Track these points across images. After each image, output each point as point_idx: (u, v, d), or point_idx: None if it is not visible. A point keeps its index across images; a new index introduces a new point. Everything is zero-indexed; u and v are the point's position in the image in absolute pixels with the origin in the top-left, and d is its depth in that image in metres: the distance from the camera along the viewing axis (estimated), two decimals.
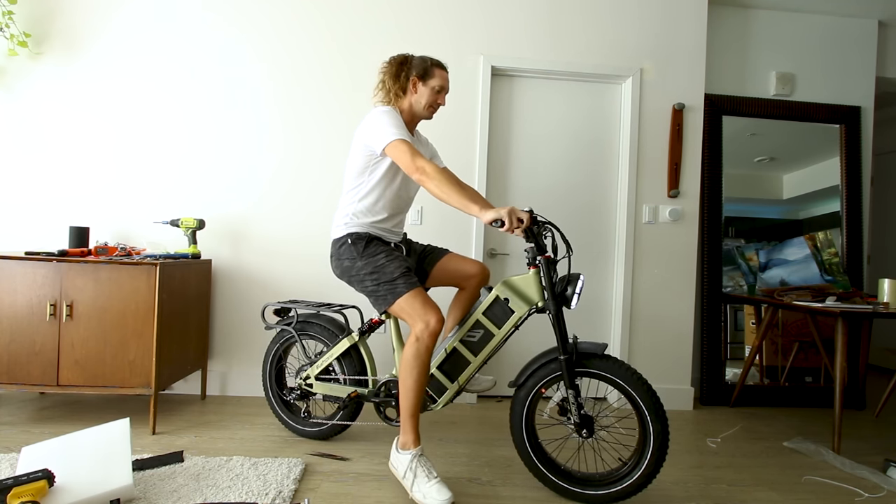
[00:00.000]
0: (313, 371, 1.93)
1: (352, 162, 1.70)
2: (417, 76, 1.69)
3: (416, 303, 1.57)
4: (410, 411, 1.57)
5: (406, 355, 1.57)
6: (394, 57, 1.76)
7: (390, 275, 1.60)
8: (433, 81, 1.70)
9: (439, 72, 1.72)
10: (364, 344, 1.91)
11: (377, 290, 1.62)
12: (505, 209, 1.43)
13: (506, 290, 1.63)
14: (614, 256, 2.69)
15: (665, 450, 1.48)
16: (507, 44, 2.58)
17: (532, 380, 1.60)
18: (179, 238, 2.49)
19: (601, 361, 1.53)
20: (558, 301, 1.55)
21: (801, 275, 2.73)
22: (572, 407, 1.55)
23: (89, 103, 2.47)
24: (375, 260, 1.64)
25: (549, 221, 1.64)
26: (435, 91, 1.71)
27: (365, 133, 1.63)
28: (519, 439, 1.62)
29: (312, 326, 1.97)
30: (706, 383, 2.73)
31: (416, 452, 1.55)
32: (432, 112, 1.75)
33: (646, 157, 2.64)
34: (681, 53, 2.65)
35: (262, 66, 2.52)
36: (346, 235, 1.69)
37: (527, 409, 1.61)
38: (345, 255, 1.68)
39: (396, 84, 1.71)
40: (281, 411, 2.03)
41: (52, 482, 1.32)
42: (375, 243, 1.69)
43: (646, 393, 1.48)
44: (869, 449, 2.16)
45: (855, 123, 2.89)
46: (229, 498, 1.48)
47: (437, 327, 1.55)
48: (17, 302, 1.94)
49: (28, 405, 2.25)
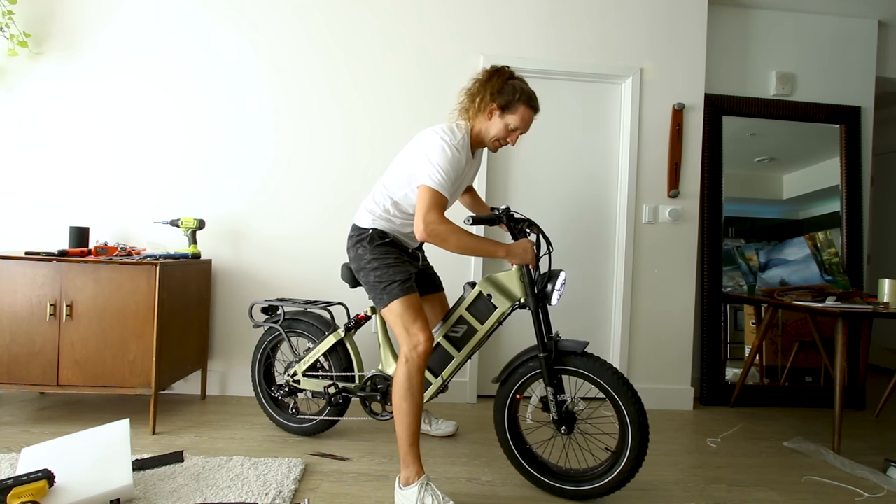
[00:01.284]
0: (300, 368, 1.95)
1: (405, 164, 1.59)
2: (498, 106, 1.52)
3: (408, 315, 1.53)
4: (409, 440, 1.48)
5: (398, 378, 1.51)
6: (487, 70, 1.57)
7: (391, 277, 1.59)
8: (511, 118, 1.53)
9: (524, 110, 1.53)
10: (350, 340, 1.93)
11: (376, 287, 1.61)
12: (527, 251, 1.53)
13: (489, 287, 1.65)
14: (614, 256, 2.69)
15: (644, 453, 1.47)
16: (507, 43, 2.58)
17: (514, 376, 1.62)
18: (179, 238, 2.49)
19: (581, 359, 1.52)
20: (538, 298, 1.57)
21: (801, 275, 2.73)
22: (552, 404, 1.56)
23: (89, 103, 2.47)
24: (385, 259, 1.62)
25: (527, 219, 1.67)
26: (508, 129, 1.55)
27: (419, 154, 1.51)
28: (502, 434, 1.65)
29: (300, 324, 1.99)
30: (706, 383, 2.73)
31: (422, 483, 1.44)
32: (497, 147, 1.61)
33: (646, 157, 2.64)
34: (681, 53, 2.65)
35: (261, 65, 2.52)
36: (370, 229, 1.66)
37: (508, 406, 1.64)
38: (361, 244, 1.66)
39: (473, 105, 1.55)
40: (270, 408, 2.05)
41: (52, 482, 1.32)
42: (392, 245, 1.67)
43: (628, 397, 1.46)
44: (869, 449, 2.16)
45: (855, 123, 2.89)
46: (229, 498, 1.48)
47: (425, 348, 1.51)
48: (17, 302, 1.94)
49: (28, 405, 2.25)
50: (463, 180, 1.64)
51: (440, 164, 1.45)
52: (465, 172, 1.63)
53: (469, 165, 1.64)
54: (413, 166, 1.55)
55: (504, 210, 1.66)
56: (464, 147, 1.53)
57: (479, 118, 1.56)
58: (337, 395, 1.89)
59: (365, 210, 1.70)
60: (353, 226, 1.72)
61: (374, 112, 2.55)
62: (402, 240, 1.73)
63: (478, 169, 1.82)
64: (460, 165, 1.51)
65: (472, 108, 1.56)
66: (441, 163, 1.45)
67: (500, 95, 1.51)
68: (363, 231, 1.67)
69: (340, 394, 1.89)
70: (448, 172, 1.46)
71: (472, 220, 1.53)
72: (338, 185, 2.54)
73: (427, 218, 1.43)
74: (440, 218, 1.44)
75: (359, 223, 1.70)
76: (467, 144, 1.57)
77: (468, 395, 2.57)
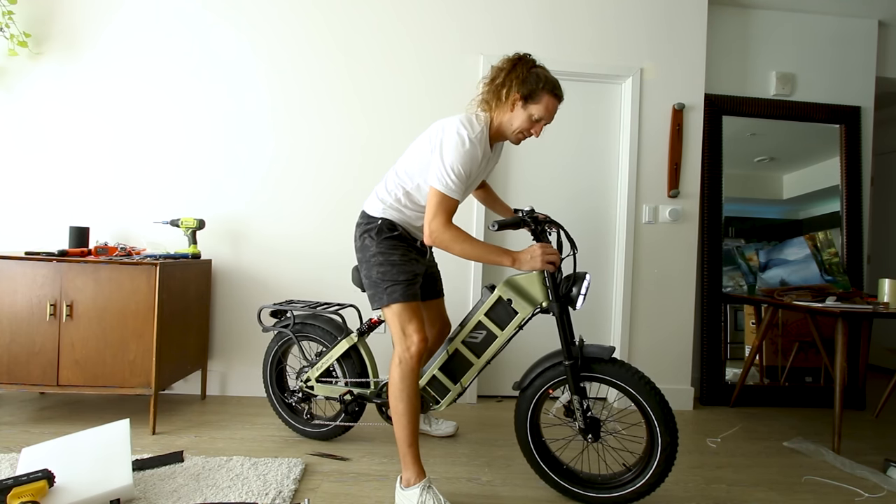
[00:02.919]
0: (313, 373, 1.92)
1: (419, 153, 1.53)
2: (521, 96, 1.45)
3: (405, 316, 1.51)
4: (408, 440, 1.48)
5: (393, 379, 1.51)
6: (509, 58, 1.49)
7: (395, 276, 1.53)
8: (534, 108, 1.46)
9: (548, 99, 1.46)
10: (364, 344, 1.90)
11: (378, 284, 1.56)
12: (539, 256, 1.45)
13: (508, 291, 1.57)
14: (614, 256, 2.69)
15: (672, 461, 1.44)
16: (507, 44, 2.58)
17: (537, 382, 1.56)
18: (179, 238, 2.49)
19: (609, 366, 1.47)
20: (563, 302, 1.51)
21: (801, 275, 2.73)
22: (577, 412, 1.51)
23: (89, 103, 2.47)
24: (391, 255, 1.56)
25: (553, 220, 1.62)
26: (532, 119, 1.48)
27: (434, 146, 1.46)
28: (523, 439, 1.60)
29: (310, 328, 1.96)
30: (706, 383, 2.73)
31: (423, 485, 1.44)
32: (520, 140, 1.54)
33: (646, 157, 2.64)
34: (681, 53, 2.65)
35: (261, 65, 2.52)
36: (379, 219, 1.60)
37: (531, 412, 1.59)
38: (368, 235, 1.60)
39: (496, 96, 1.48)
40: (284, 413, 2.03)
41: (52, 482, 1.32)
42: (400, 239, 1.60)
43: (656, 403, 1.42)
44: (869, 449, 2.16)
45: (855, 123, 2.89)
46: (229, 498, 1.48)
47: (418, 348, 1.49)
48: (17, 302, 1.94)
49: (28, 405, 2.25)
50: (479, 175, 1.59)
51: (453, 163, 1.42)
52: (482, 167, 1.56)
53: (486, 159, 1.57)
54: (427, 158, 1.49)
55: (528, 212, 1.60)
56: (481, 140, 1.48)
57: (500, 109, 1.50)
58: (353, 402, 1.87)
59: (376, 198, 1.63)
60: (363, 213, 1.65)
61: (371, 112, 2.55)
62: (413, 231, 1.66)
63: (496, 163, 1.73)
64: (476, 160, 1.46)
65: (493, 100, 1.49)
66: (454, 162, 1.42)
67: (524, 85, 1.45)
68: (372, 220, 1.61)
69: (356, 400, 1.87)
70: (460, 173, 1.42)
71: (498, 225, 1.45)
72: (338, 185, 2.54)
73: (432, 225, 1.42)
74: (445, 224, 1.42)
75: (368, 211, 1.64)
76: (486, 137, 1.50)
77: (468, 395, 2.57)
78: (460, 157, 1.42)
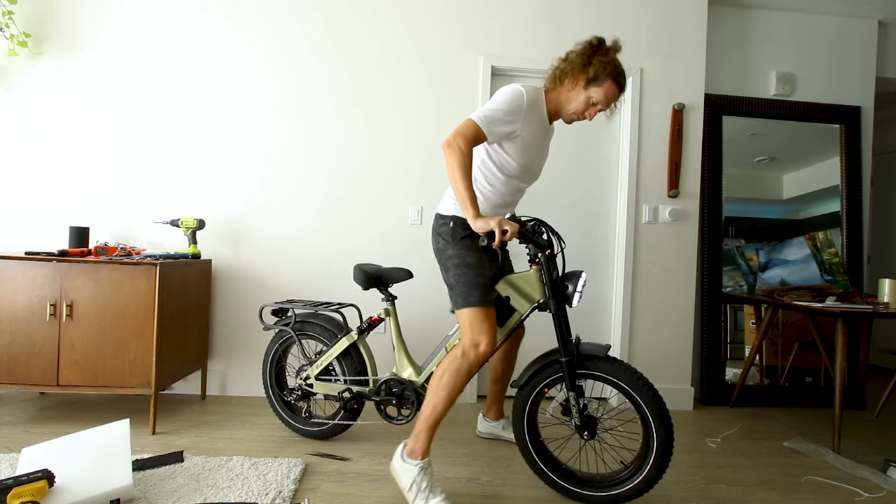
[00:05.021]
0: (313, 371, 1.93)
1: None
2: (586, 78, 1.48)
3: (477, 319, 1.49)
4: (432, 421, 1.50)
5: (446, 366, 1.50)
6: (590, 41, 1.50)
7: (471, 281, 1.51)
8: (594, 92, 1.48)
9: (610, 85, 1.48)
10: (363, 343, 1.91)
11: (455, 287, 1.54)
12: (495, 220, 1.34)
13: (507, 288, 1.61)
14: (614, 256, 2.69)
15: (669, 456, 1.46)
16: (507, 44, 2.58)
17: (534, 380, 1.59)
18: (179, 238, 2.49)
19: (604, 363, 1.51)
20: (559, 299, 1.54)
21: (801, 275, 2.73)
22: (573, 409, 1.54)
23: (89, 104, 2.47)
24: (466, 257, 1.54)
25: (535, 218, 1.63)
26: (590, 102, 1.50)
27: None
28: (521, 438, 1.62)
29: (311, 326, 1.97)
30: (706, 383, 2.73)
31: (424, 465, 1.48)
32: (573, 120, 1.57)
33: (646, 157, 2.64)
34: (681, 53, 2.65)
35: (260, 65, 2.52)
36: (451, 217, 1.59)
37: (528, 410, 1.61)
38: (443, 236, 1.60)
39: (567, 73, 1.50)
40: (282, 411, 2.03)
41: (52, 482, 1.32)
42: (475, 238, 1.58)
43: (650, 398, 1.45)
44: (869, 449, 2.16)
45: (855, 123, 2.89)
46: (229, 498, 1.48)
47: (486, 350, 1.49)
48: (17, 302, 1.94)
49: (28, 405, 2.25)
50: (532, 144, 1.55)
51: (494, 103, 1.46)
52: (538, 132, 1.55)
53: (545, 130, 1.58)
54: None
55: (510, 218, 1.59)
56: (534, 99, 1.50)
57: (564, 86, 1.53)
58: (351, 400, 1.88)
59: (448, 196, 1.63)
60: (436, 214, 1.65)
61: (370, 112, 2.55)
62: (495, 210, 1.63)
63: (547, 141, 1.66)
64: (521, 108, 1.46)
65: (563, 76, 1.52)
66: (496, 102, 1.46)
67: (591, 68, 1.47)
68: (444, 219, 1.61)
69: (355, 398, 1.88)
70: (499, 111, 1.44)
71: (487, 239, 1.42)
72: (337, 185, 2.54)
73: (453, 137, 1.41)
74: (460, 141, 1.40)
75: (441, 211, 1.64)
76: (542, 101, 1.54)
77: (468, 394, 2.57)
78: (506, 98, 1.46)
